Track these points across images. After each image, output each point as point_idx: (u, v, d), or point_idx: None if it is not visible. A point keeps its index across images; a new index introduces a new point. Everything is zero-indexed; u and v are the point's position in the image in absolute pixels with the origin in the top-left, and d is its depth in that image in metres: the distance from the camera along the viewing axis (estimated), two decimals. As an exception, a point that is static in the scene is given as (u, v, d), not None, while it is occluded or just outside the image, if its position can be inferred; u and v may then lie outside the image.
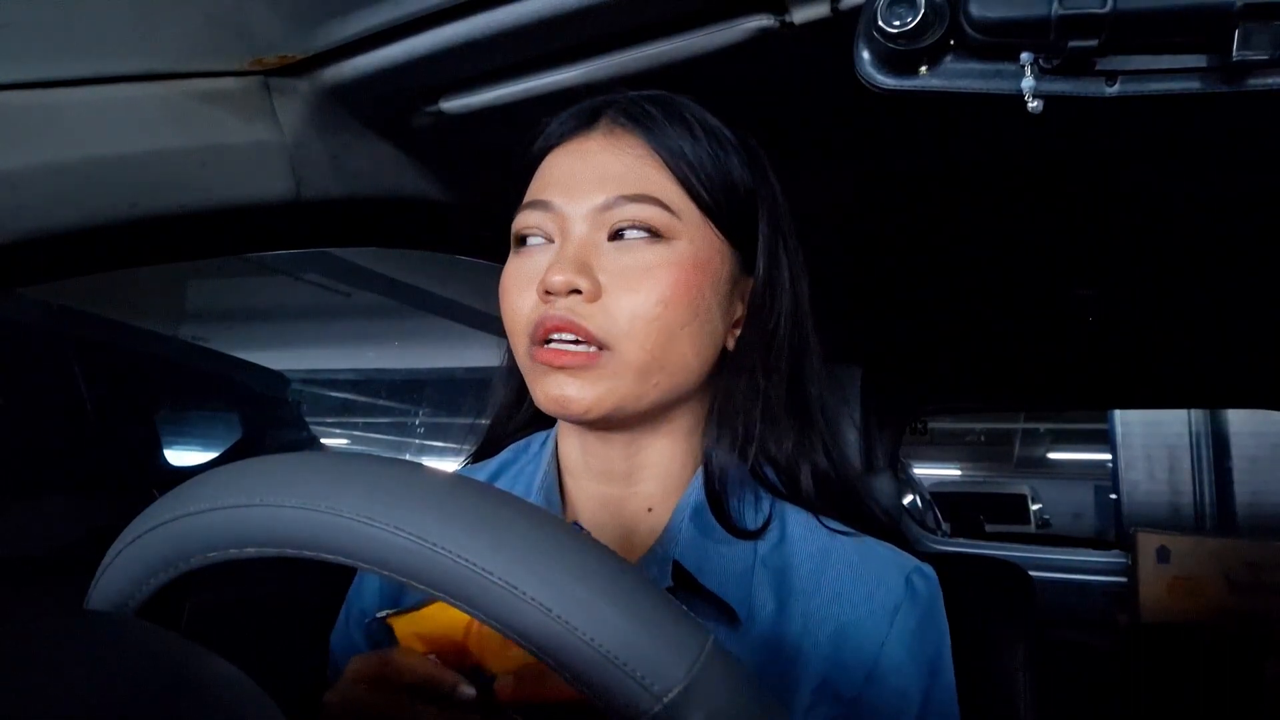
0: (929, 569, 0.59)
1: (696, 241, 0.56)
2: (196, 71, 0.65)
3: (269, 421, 2.88)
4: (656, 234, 0.55)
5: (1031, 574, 1.10)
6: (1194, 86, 0.48)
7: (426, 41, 0.64)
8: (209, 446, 2.67)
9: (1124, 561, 2.21)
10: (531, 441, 0.68)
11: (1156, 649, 1.97)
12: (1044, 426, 12.89)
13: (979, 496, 8.83)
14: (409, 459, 0.39)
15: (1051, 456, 14.32)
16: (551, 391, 0.54)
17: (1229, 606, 2.01)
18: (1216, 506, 7.75)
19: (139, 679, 0.28)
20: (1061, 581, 2.25)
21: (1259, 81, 0.46)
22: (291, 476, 0.35)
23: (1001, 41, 0.48)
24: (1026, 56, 0.48)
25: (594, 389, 0.54)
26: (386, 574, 0.33)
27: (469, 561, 0.32)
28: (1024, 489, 9.87)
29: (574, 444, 0.62)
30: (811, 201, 0.78)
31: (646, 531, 0.60)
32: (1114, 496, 8.55)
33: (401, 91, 0.72)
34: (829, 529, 0.59)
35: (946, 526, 5.38)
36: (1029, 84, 0.49)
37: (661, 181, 0.56)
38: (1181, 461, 7.97)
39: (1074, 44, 0.46)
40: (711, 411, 0.61)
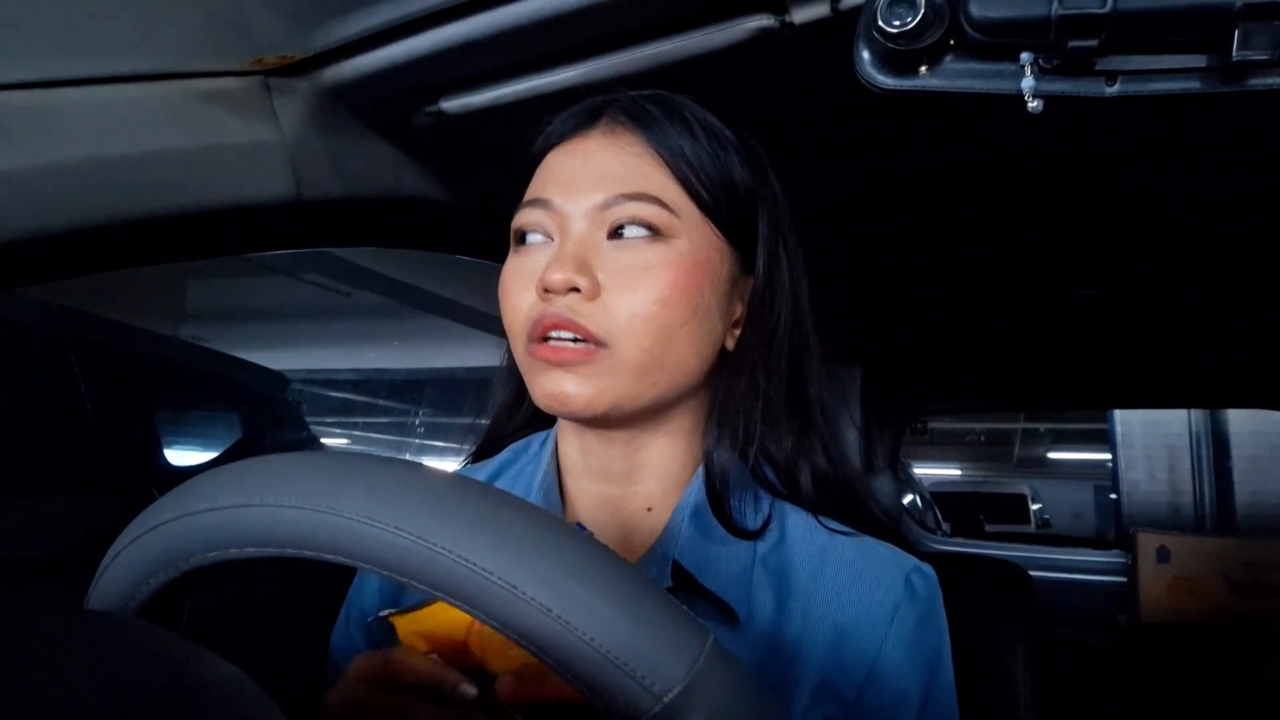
0: (928, 569, 0.59)
1: (696, 241, 0.56)
2: (196, 71, 0.65)
3: (269, 421, 2.88)
4: (656, 233, 0.55)
5: (1031, 574, 1.10)
6: (1194, 86, 0.48)
7: (426, 41, 0.64)
8: (209, 446, 2.67)
9: (1124, 561, 2.20)
10: (531, 441, 0.68)
11: (1156, 649, 1.96)
12: (1044, 426, 12.89)
13: (979, 496, 8.84)
14: (409, 459, 0.39)
15: (1051, 456, 14.33)
16: (549, 388, 0.54)
17: (1229, 606, 2.01)
18: (1216, 506, 7.75)
19: (139, 679, 0.28)
20: (1061, 581, 2.25)
21: (1259, 81, 0.46)
22: (291, 476, 0.35)
23: (1001, 41, 0.48)
24: (1026, 56, 0.48)
25: (591, 385, 0.54)
26: (386, 574, 0.33)
27: (469, 561, 0.32)
28: (1024, 489, 9.88)
29: (574, 443, 0.62)
30: (811, 201, 0.78)
31: (646, 531, 0.60)
32: (1114, 496, 8.55)
33: (401, 91, 0.72)
34: (828, 529, 0.59)
35: (946, 526, 5.38)
36: (1029, 84, 0.49)
37: (661, 180, 0.56)
38: (1181, 461, 7.97)
39: (1074, 44, 0.46)
40: (711, 411, 0.61)
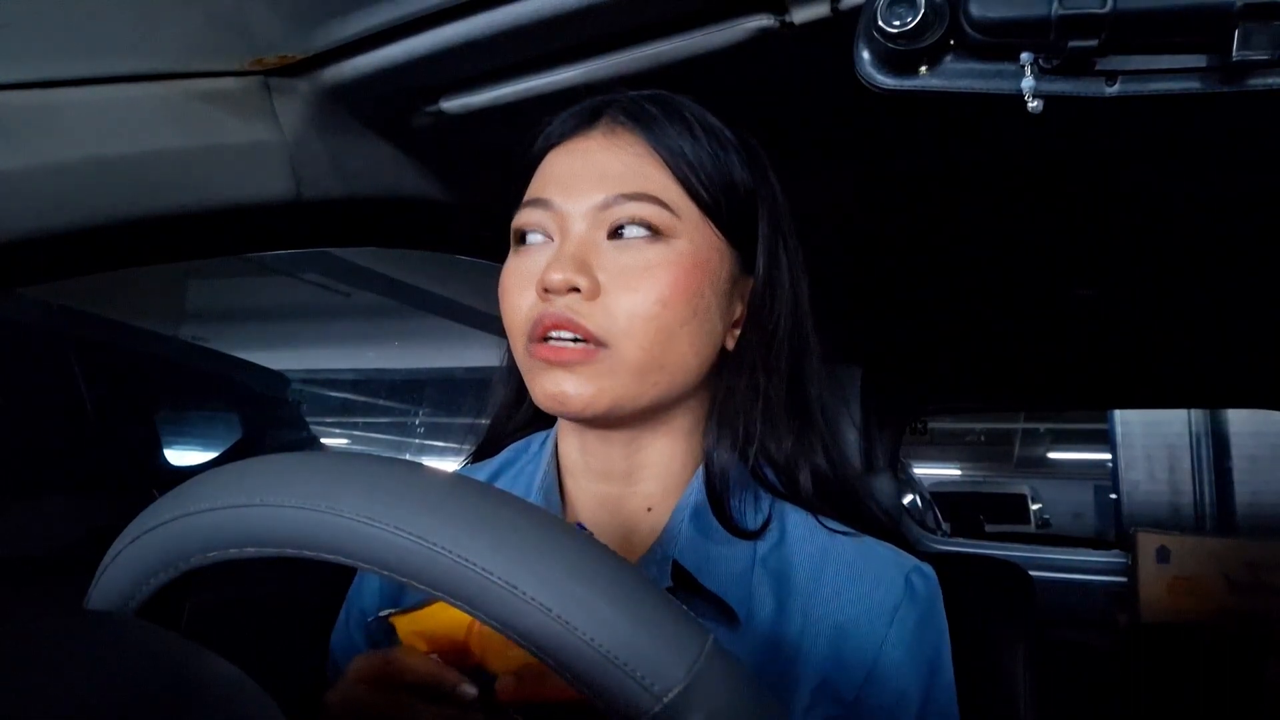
0: (928, 568, 0.59)
1: (696, 241, 0.56)
2: (196, 71, 0.65)
3: (269, 421, 2.88)
4: (656, 233, 0.55)
5: (1031, 574, 1.10)
6: (1194, 86, 0.48)
7: (426, 41, 0.64)
8: (209, 446, 2.67)
9: (1124, 561, 2.20)
10: (531, 441, 0.68)
11: (1156, 649, 1.96)
12: (1044, 426, 12.89)
13: (979, 496, 8.84)
14: (409, 459, 0.39)
15: (1051, 456, 14.33)
16: (549, 388, 0.54)
17: (1229, 606, 2.01)
18: (1216, 506, 7.75)
19: (139, 679, 0.28)
20: (1061, 581, 2.25)
21: (1259, 81, 0.46)
22: (292, 476, 0.35)
23: (1001, 41, 0.48)
24: (1026, 56, 0.48)
25: (591, 385, 0.54)
26: (386, 574, 0.33)
27: (469, 561, 0.32)
28: (1024, 489, 9.88)
29: (574, 443, 0.62)
30: (811, 201, 0.78)
31: (646, 531, 0.60)
32: (1114, 496, 8.55)
33: (401, 91, 0.72)
34: (828, 529, 0.59)
35: (946, 526, 5.38)
36: (1029, 84, 0.49)
37: (661, 180, 0.56)
38: (1181, 461, 7.97)
39: (1074, 44, 0.46)
40: (711, 411, 0.61)
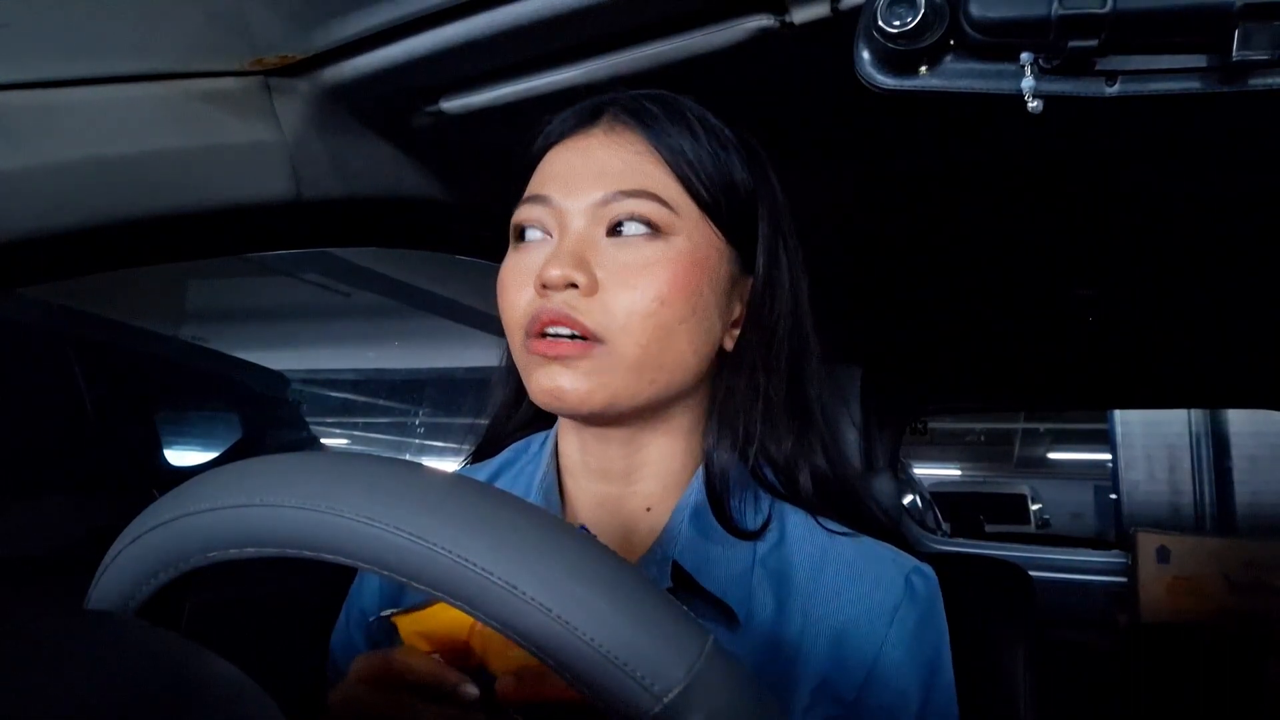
0: (928, 569, 0.59)
1: (695, 239, 0.56)
2: (196, 71, 0.65)
3: (269, 421, 2.88)
4: (655, 230, 0.55)
5: (1031, 574, 1.10)
6: (1194, 86, 0.48)
7: (426, 41, 0.64)
8: (209, 446, 2.67)
9: (1124, 561, 2.21)
10: (531, 441, 0.68)
11: (1156, 649, 1.97)
12: (1044, 426, 12.89)
13: (979, 496, 8.83)
14: (409, 459, 0.39)
15: (1051, 456, 14.33)
16: (545, 383, 0.54)
17: (1229, 606, 2.01)
18: (1216, 506, 7.75)
19: (139, 679, 0.28)
20: (1061, 581, 2.25)
21: (1259, 81, 0.46)
22: (292, 476, 0.35)
23: (1001, 41, 0.48)
24: (1026, 56, 0.48)
25: (588, 381, 0.54)
26: (386, 574, 0.33)
27: (469, 561, 0.32)
28: (1024, 489, 9.87)
29: (573, 442, 0.62)
30: (811, 201, 0.78)
31: (646, 531, 0.60)
32: (1114, 496, 8.55)
33: (401, 91, 0.72)
34: (828, 530, 0.59)
35: (946, 526, 5.38)
36: (1029, 84, 0.49)
37: (661, 178, 0.56)
38: (1181, 461, 7.97)
39: (1074, 44, 0.46)
40: (711, 411, 0.61)
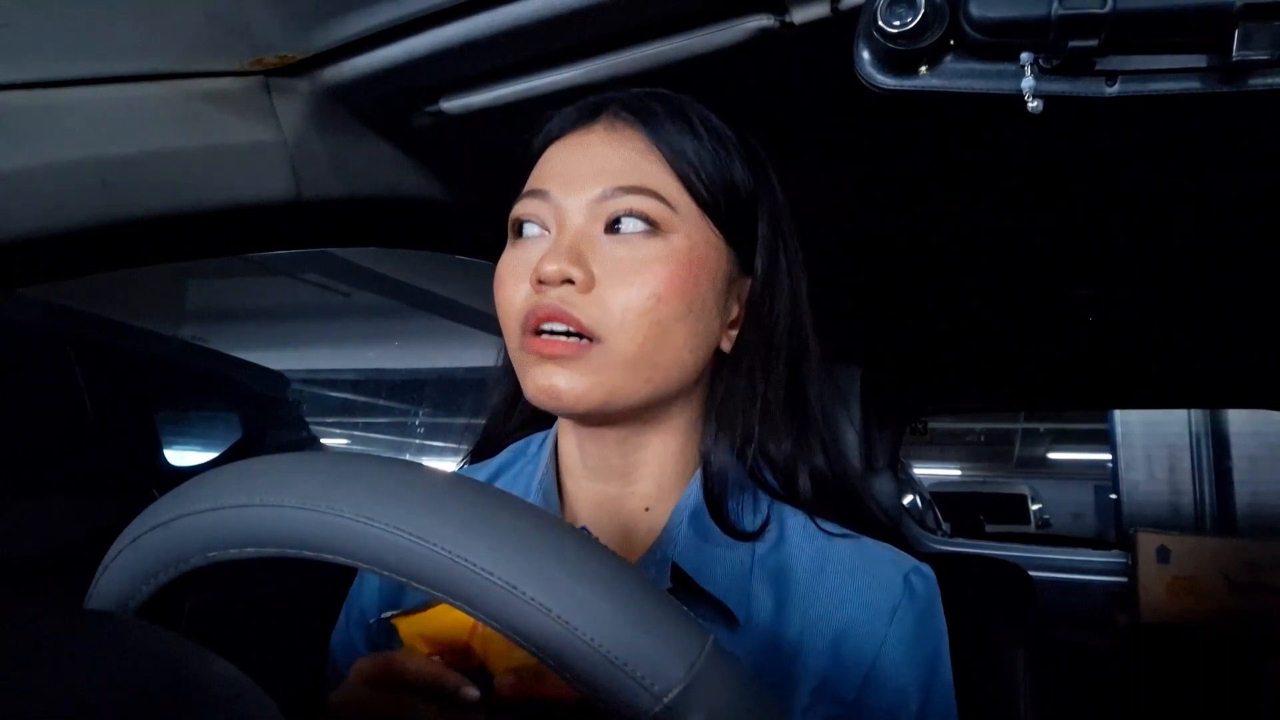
0: (927, 569, 0.59)
1: (694, 238, 0.56)
2: (196, 71, 0.65)
3: (269, 421, 2.88)
4: (653, 227, 0.55)
5: (1031, 574, 1.10)
6: (1194, 86, 0.48)
7: (426, 41, 0.64)
8: (209, 446, 2.67)
9: (1124, 561, 2.21)
10: (530, 442, 0.68)
11: (1156, 649, 1.97)
12: (1044, 426, 12.90)
13: (979, 496, 8.84)
14: (409, 459, 0.39)
15: (1051, 456, 14.33)
16: (540, 381, 0.54)
17: (1229, 606, 2.01)
18: (1216, 506, 7.76)
19: (139, 679, 0.28)
20: (1061, 581, 2.25)
21: (1259, 81, 0.46)
22: (292, 476, 0.35)
23: (1001, 41, 0.48)
24: (1026, 56, 0.48)
25: (583, 380, 0.53)
26: (386, 574, 0.33)
27: (469, 562, 0.32)
28: (1024, 489, 9.87)
29: (572, 442, 0.62)
30: (811, 201, 0.78)
31: (645, 531, 0.60)
32: (1114, 496, 8.56)
33: (401, 91, 0.72)
34: (826, 533, 0.59)
35: (946, 526, 5.39)
36: (1029, 84, 0.49)
37: (660, 176, 0.56)
38: (1181, 461, 7.98)
39: (1074, 44, 0.46)
40: (709, 412, 0.61)
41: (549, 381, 0.54)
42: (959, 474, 14.41)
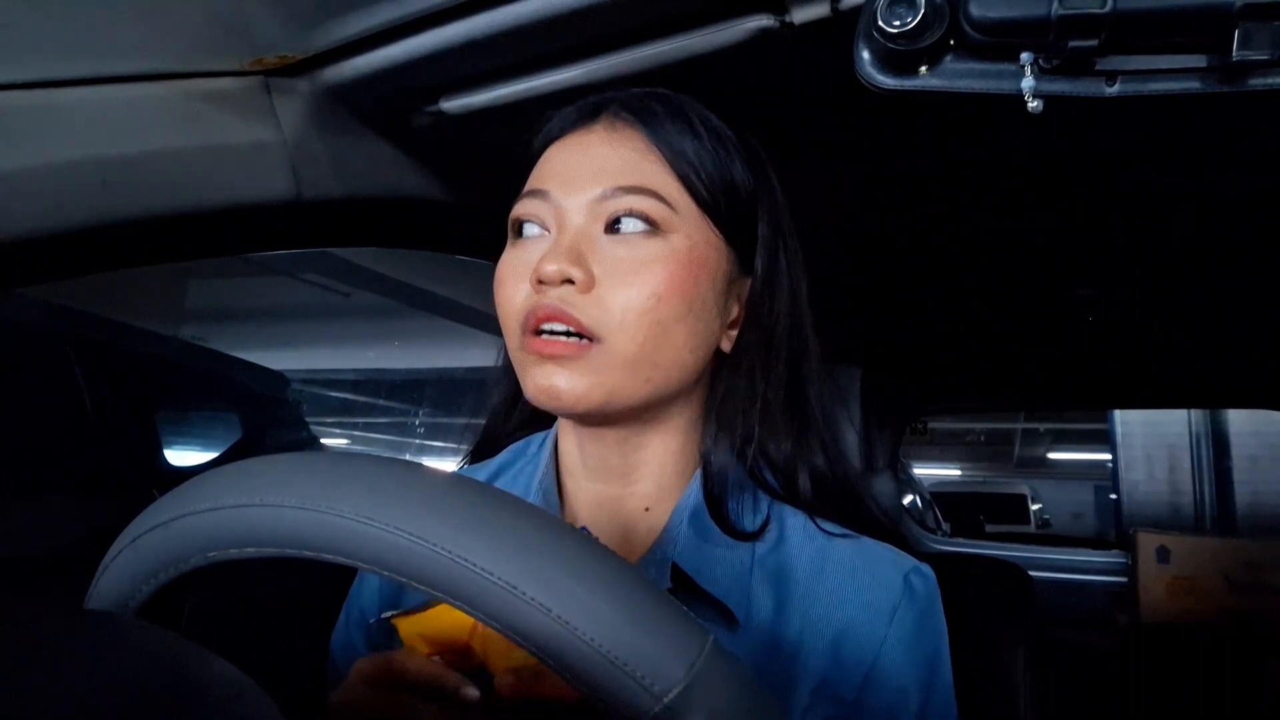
0: (927, 569, 0.59)
1: (694, 238, 0.56)
2: (196, 71, 0.65)
3: (269, 421, 2.89)
4: (653, 227, 0.55)
5: (1031, 574, 1.10)
6: (1194, 86, 0.48)
7: (426, 41, 0.64)
8: (209, 446, 2.67)
9: (1124, 561, 2.21)
10: (530, 442, 0.68)
11: (1156, 649, 1.97)
12: (1044, 426, 12.90)
13: (979, 496, 8.84)
14: (409, 459, 0.39)
15: (1051, 456, 14.33)
16: (540, 381, 0.54)
17: (1229, 606, 2.01)
18: (1216, 506, 7.76)
19: (139, 679, 0.28)
20: (1061, 581, 2.25)
21: (1259, 81, 0.46)
22: (292, 476, 0.35)
23: (1001, 41, 0.48)
24: (1026, 56, 0.48)
25: (583, 380, 0.53)
26: (386, 574, 0.33)
27: (469, 561, 0.32)
28: (1024, 489, 9.88)
29: (572, 442, 0.62)
30: (811, 201, 0.78)
31: (645, 531, 0.60)
32: (1114, 496, 8.56)
33: (401, 91, 0.72)
34: (826, 533, 0.59)
35: (946, 526, 5.39)
36: (1029, 84, 0.49)
37: (660, 176, 0.56)
38: (1181, 461, 7.98)
39: (1074, 44, 0.46)
40: (709, 412, 0.61)
41: (549, 382, 0.54)
42: (959, 474, 14.42)
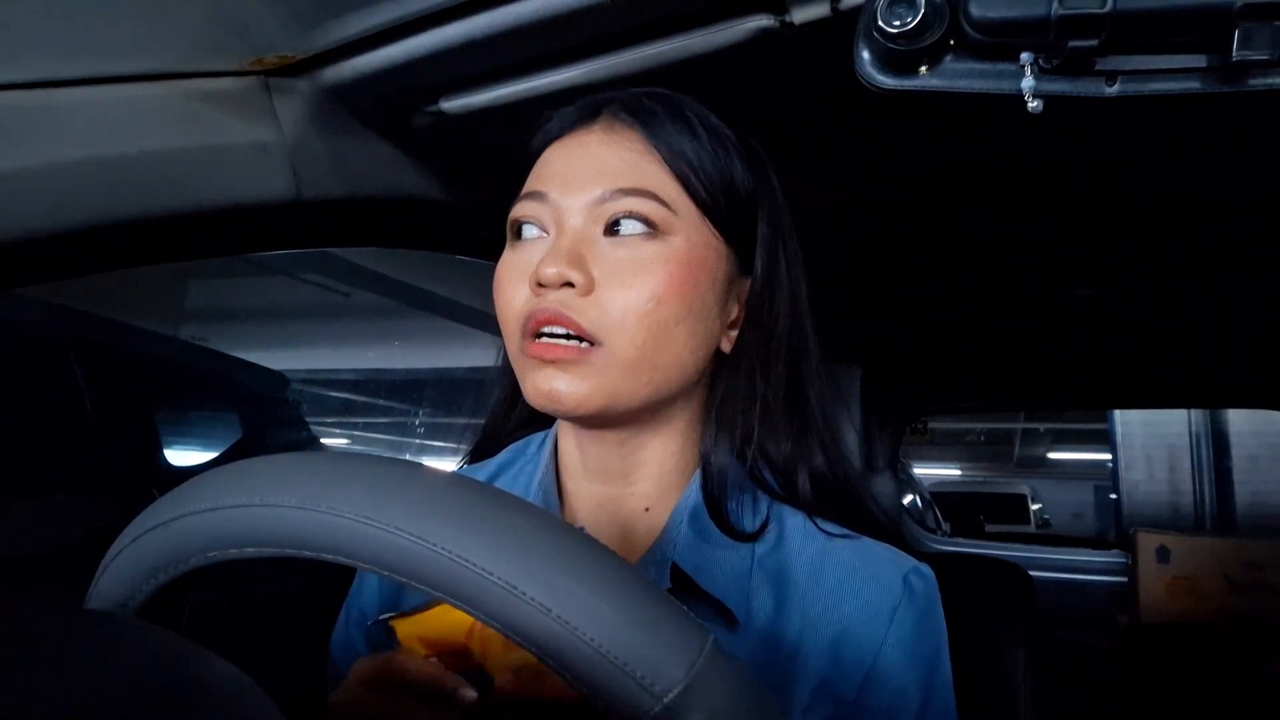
0: (926, 569, 0.59)
1: (693, 239, 0.56)
2: (196, 71, 0.65)
3: (269, 421, 2.88)
4: (653, 229, 0.55)
5: (1031, 574, 1.10)
6: (1194, 86, 0.48)
7: (426, 41, 0.64)
8: (209, 446, 2.67)
9: (1124, 561, 2.21)
10: (530, 442, 0.68)
11: (1156, 649, 1.97)
12: (1044, 426, 12.90)
13: (979, 496, 8.84)
14: (409, 459, 0.39)
15: (1051, 456, 14.33)
16: (541, 385, 0.54)
17: (1229, 606, 2.01)
18: (1216, 506, 7.76)
19: (139, 679, 0.28)
20: (1061, 581, 2.25)
21: (1259, 81, 0.46)
22: (292, 476, 0.35)
23: (1001, 41, 0.48)
24: (1026, 56, 0.48)
25: (584, 384, 0.53)
26: (386, 574, 0.33)
27: (469, 561, 0.32)
28: (1024, 489, 9.88)
29: (571, 443, 0.62)
30: (811, 201, 0.78)
31: (644, 532, 0.60)
32: (1114, 496, 8.56)
33: (401, 91, 0.72)
34: (826, 533, 0.59)
35: (946, 526, 5.38)
36: (1029, 84, 0.49)
37: (659, 177, 0.56)
38: (1181, 461, 7.98)
39: (1074, 44, 0.46)
40: (709, 412, 0.61)
41: (549, 386, 0.54)
42: (959, 474, 14.42)
